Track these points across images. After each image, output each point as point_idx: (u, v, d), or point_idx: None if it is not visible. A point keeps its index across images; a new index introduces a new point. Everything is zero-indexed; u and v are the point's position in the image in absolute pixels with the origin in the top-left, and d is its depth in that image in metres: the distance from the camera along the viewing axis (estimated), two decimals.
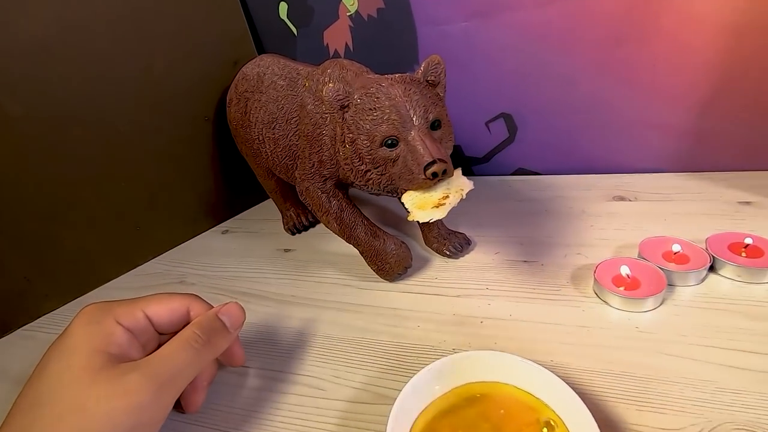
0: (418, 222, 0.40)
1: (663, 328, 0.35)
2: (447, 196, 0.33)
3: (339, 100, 0.36)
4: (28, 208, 0.48)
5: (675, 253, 0.40)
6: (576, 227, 0.50)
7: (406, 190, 0.35)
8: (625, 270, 0.38)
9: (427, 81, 0.38)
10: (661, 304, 0.37)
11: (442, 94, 0.39)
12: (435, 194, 0.34)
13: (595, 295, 0.39)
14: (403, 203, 0.35)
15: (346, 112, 0.36)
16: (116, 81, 0.53)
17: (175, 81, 0.58)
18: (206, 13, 0.59)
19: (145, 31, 0.54)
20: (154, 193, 0.58)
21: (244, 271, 0.53)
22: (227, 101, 0.57)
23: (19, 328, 0.49)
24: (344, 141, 0.37)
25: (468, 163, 0.67)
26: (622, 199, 0.54)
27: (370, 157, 0.36)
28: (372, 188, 0.39)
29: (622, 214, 0.51)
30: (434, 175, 0.32)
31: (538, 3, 0.52)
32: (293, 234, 0.59)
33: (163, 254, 0.60)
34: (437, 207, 0.32)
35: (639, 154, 0.58)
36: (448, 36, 0.57)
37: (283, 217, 0.61)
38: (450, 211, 0.34)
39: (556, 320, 0.37)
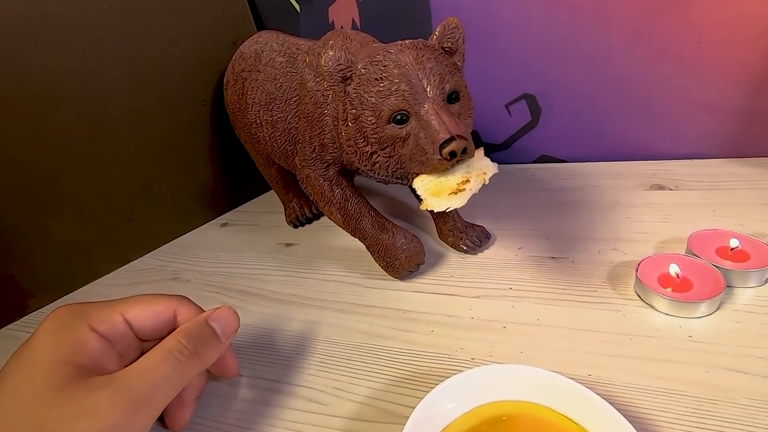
0: (431, 213, 0.35)
1: (723, 337, 0.30)
2: (467, 181, 0.28)
3: (340, 70, 0.31)
4: (10, 197, 0.45)
5: (732, 249, 0.34)
6: (610, 219, 0.44)
7: (418, 175, 0.30)
8: (674, 269, 0.33)
9: (443, 48, 0.33)
10: (717, 309, 0.32)
11: (460, 64, 0.33)
12: (453, 178, 0.29)
13: (637, 297, 0.34)
14: (414, 190, 0.30)
15: (349, 84, 0.31)
16: (105, 60, 0.49)
17: (169, 62, 0.53)
18: None
19: (137, 8, 0.50)
20: (147, 182, 0.55)
21: (243, 267, 0.49)
22: (224, 83, 0.53)
23: (2, 327, 0.46)
24: (347, 118, 0.32)
25: (486, 150, 0.61)
26: (661, 188, 0.48)
27: (376, 136, 0.31)
28: (379, 174, 0.34)
29: (662, 204, 0.45)
30: (452, 154, 0.27)
31: None
32: (296, 227, 0.55)
33: (159, 248, 0.57)
34: (455, 193, 0.27)
35: (679, 137, 0.52)
36: (465, 7, 0.52)
37: (285, 209, 0.57)
38: (470, 199, 0.29)
39: (592, 327, 0.32)
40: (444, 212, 0.35)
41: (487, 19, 0.52)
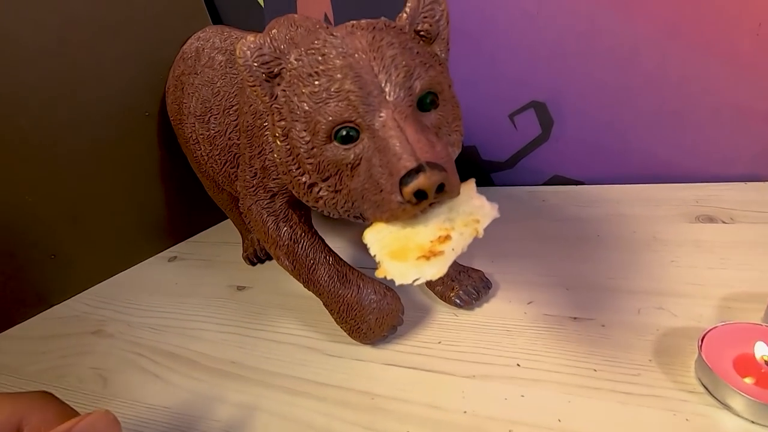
0: None
1: None
2: (447, 237, 0.18)
3: (264, 62, 0.21)
4: None
5: None
6: (648, 263, 0.34)
7: (374, 221, 0.20)
8: (763, 350, 0.22)
9: (417, 32, 0.23)
10: None
11: (443, 55, 0.23)
12: (424, 232, 0.18)
13: (703, 389, 0.24)
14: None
15: (278, 84, 0.21)
16: (13, 62, 0.39)
17: (102, 63, 0.44)
18: None
19: None
20: (75, 211, 0.45)
21: (180, 318, 0.39)
22: (166, 89, 0.44)
23: None
24: (276, 134, 0.22)
25: (486, 169, 0.51)
26: (711, 219, 0.37)
27: (312, 160, 0.21)
28: (328, 211, 0.23)
29: (716, 243, 0.35)
30: (420, 195, 0.17)
31: None
32: (252, 264, 0.45)
33: (89, 289, 0.47)
34: (427, 258, 0.17)
35: (729, 154, 0.41)
36: None
37: (243, 242, 0.47)
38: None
39: None
40: None
41: (486, 10, 0.42)
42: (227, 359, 0.33)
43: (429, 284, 0.34)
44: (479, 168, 0.52)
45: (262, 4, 0.50)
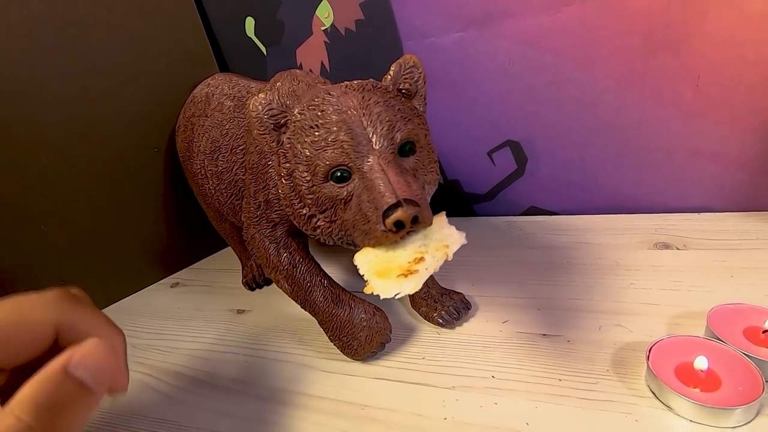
0: None
1: None
2: (422, 258, 0.22)
3: (272, 116, 0.25)
4: None
5: (765, 332, 0.28)
6: (611, 286, 0.38)
7: (363, 247, 0.24)
8: (701, 363, 0.26)
9: (399, 90, 0.27)
10: (756, 415, 0.24)
11: (421, 109, 0.28)
12: (403, 254, 0.22)
13: (651, 394, 0.27)
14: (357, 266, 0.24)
15: (283, 133, 0.26)
16: (38, 104, 0.43)
17: (117, 105, 0.49)
18: (160, 28, 0.51)
19: (81, 46, 0.45)
20: (84, 239, 0.48)
21: (184, 339, 0.42)
22: (176, 129, 0.48)
23: None
24: (281, 174, 0.26)
25: (469, 201, 0.56)
26: (666, 246, 0.42)
27: (312, 196, 0.25)
28: (324, 240, 0.27)
29: (671, 267, 0.39)
30: (399, 225, 0.21)
31: (550, 4, 0.42)
32: (251, 289, 0.48)
33: None
34: (405, 275, 0.21)
35: (683, 189, 0.46)
36: (440, 50, 0.48)
37: (242, 269, 0.50)
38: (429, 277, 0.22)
39: None
40: None
41: (464, 62, 0.48)
42: (228, 376, 0.36)
43: (414, 305, 0.38)
44: (462, 200, 0.56)
45: (265, 53, 0.56)
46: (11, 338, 0.19)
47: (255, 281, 0.48)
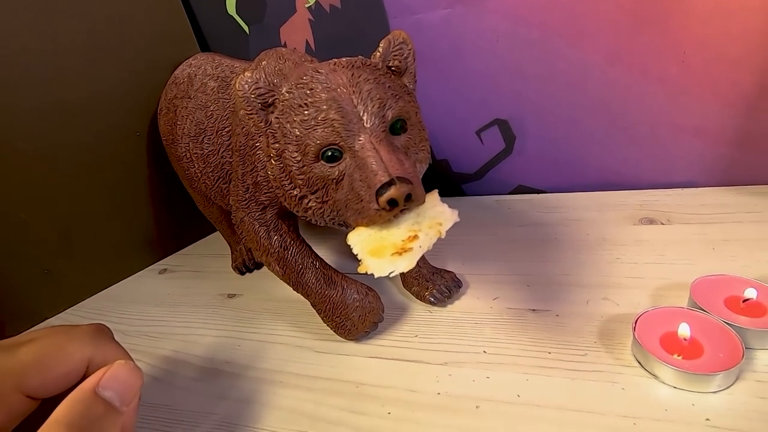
0: None
1: (745, 421, 0.23)
2: (415, 236, 0.22)
3: (259, 95, 0.25)
4: None
5: (745, 301, 0.29)
6: (597, 261, 0.38)
7: (356, 226, 0.24)
8: (684, 330, 0.27)
9: (389, 67, 0.27)
10: (736, 380, 0.26)
11: (411, 86, 0.28)
12: (397, 233, 0.22)
13: (637, 364, 0.28)
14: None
15: (271, 113, 0.25)
16: (12, 88, 0.42)
17: (96, 88, 0.47)
18: (138, 6, 0.49)
19: (58, 27, 0.43)
20: (68, 227, 0.47)
21: (175, 325, 0.42)
22: (158, 111, 0.47)
23: None
24: (270, 154, 0.26)
25: (457, 180, 0.56)
26: (651, 221, 0.43)
27: (303, 176, 0.25)
28: (316, 221, 0.27)
29: (655, 241, 0.40)
30: (392, 203, 0.21)
31: None
32: (242, 273, 0.48)
33: (82, 302, 0.49)
34: (399, 253, 0.21)
35: (667, 165, 0.47)
36: (427, 27, 0.47)
37: (231, 253, 0.50)
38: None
39: (584, 405, 0.26)
40: None
41: (451, 38, 0.47)
42: (222, 360, 0.36)
43: (406, 285, 0.38)
44: (451, 180, 0.56)
45: (248, 31, 0.54)
46: (51, 370, 0.21)
47: (245, 265, 0.48)
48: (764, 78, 0.40)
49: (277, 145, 0.25)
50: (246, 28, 0.54)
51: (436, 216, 0.23)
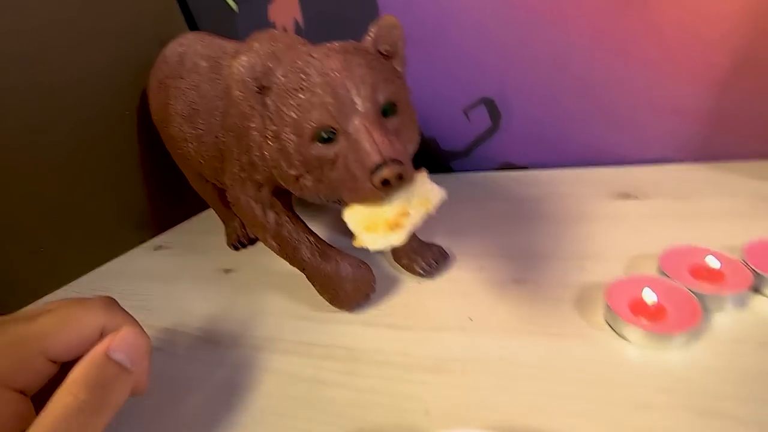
0: None
1: (703, 376, 0.26)
2: (407, 213, 0.23)
3: (255, 78, 0.26)
4: None
5: (707, 269, 0.31)
6: (576, 234, 0.41)
7: (350, 204, 0.25)
8: (649, 296, 0.29)
9: (380, 51, 0.28)
10: (695, 340, 0.28)
11: (401, 69, 0.29)
12: (389, 209, 0.24)
13: (608, 327, 0.30)
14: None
15: (267, 95, 0.26)
16: None
17: (79, 65, 0.47)
18: None
19: (34, 3, 0.43)
20: (61, 205, 0.48)
21: (171, 299, 0.43)
22: (148, 91, 0.47)
23: None
24: (266, 136, 0.27)
25: (445, 158, 0.57)
26: (627, 196, 0.45)
27: (300, 157, 0.26)
28: (311, 199, 0.29)
29: (630, 215, 0.42)
30: (385, 182, 0.23)
31: None
32: (237, 249, 0.49)
33: (77, 280, 0.50)
34: (392, 228, 0.23)
35: (643, 142, 0.49)
36: (416, 5, 0.47)
37: (226, 229, 0.51)
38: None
39: (559, 364, 0.28)
40: None
41: (438, 18, 0.48)
42: (221, 330, 0.38)
43: (396, 259, 0.40)
44: (439, 157, 0.58)
45: (236, 9, 0.54)
46: (71, 336, 0.23)
47: (239, 241, 0.49)
48: (737, 59, 0.42)
49: (274, 127, 0.26)
50: (234, 6, 0.54)
51: (425, 193, 0.25)
